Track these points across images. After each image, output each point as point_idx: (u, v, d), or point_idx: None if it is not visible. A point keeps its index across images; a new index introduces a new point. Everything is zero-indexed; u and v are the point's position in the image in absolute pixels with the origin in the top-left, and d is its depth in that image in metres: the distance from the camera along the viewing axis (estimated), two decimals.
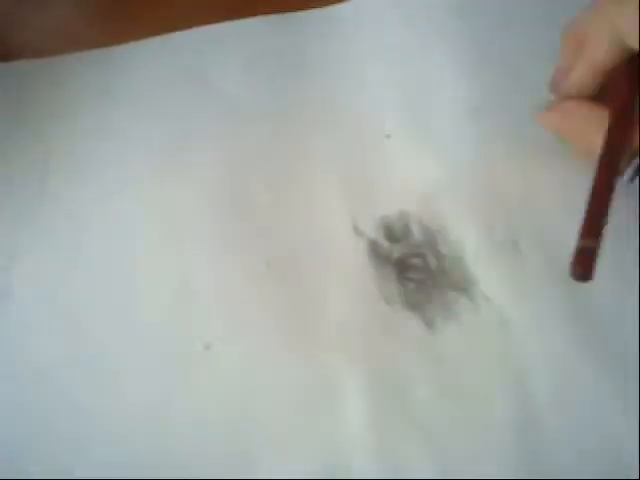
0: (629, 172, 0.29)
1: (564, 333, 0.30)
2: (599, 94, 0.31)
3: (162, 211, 0.35)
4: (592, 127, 0.29)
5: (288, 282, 0.32)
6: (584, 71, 0.30)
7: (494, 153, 0.34)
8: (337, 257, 0.33)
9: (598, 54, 0.29)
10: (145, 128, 0.37)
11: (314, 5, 0.40)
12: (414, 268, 0.32)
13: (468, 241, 0.32)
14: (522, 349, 0.30)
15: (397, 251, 0.32)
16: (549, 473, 0.27)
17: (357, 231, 0.33)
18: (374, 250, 0.32)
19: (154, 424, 0.30)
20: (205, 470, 0.29)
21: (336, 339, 0.31)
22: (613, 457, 0.27)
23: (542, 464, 0.27)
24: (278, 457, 0.29)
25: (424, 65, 0.37)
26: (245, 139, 0.36)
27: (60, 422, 0.30)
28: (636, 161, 0.29)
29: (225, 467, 0.29)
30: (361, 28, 0.39)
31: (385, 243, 0.33)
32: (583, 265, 0.27)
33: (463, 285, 0.31)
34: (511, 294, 0.30)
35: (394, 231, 0.33)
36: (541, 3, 0.38)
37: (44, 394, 0.31)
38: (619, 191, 0.28)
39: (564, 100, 0.31)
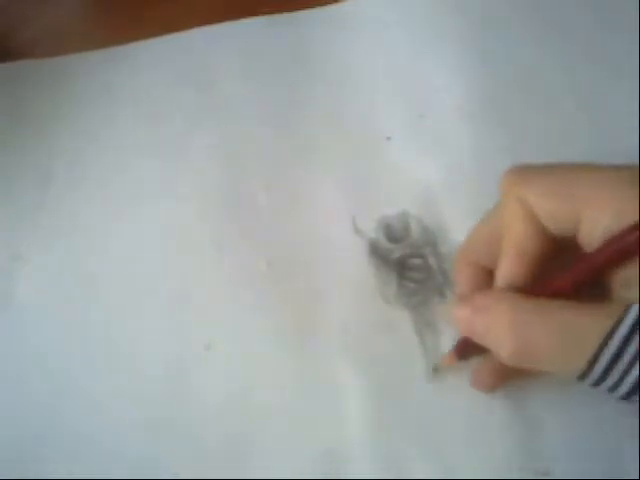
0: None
1: None
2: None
3: (163, 212, 0.35)
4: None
5: (288, 282, 0.32)
6: (512, 257, 0.25)
7: (494, 153, 0.34)
8: (337, 257, 0.33)
9: (520, 237, 0.25)
10: (147, 130, 0.37)
11: (314, 5, 0.40)
12: (414, 268, 0.32)
13: None
14: None
15: (397, 251, 0.32)
16: (549, 473, 0.27)
17: (357, 231, 0.33)
18: (374, 250, 0.32)
19: (155, 423, 0.30)
20: (205, 469, 0.29)
21: (336, 339, 0.31)
22: (613, 457, 0.27)
23: (542, 464, 0.27)
24: (278, 456, 0.29)
25: (424, 65, 0.37)
26: (246, 139, 0.36)
27: (63, 418, 0.30)
28: None
29: (226, 466, 0.29)
30: (361, 28, 0.39)
31: (385, 243, 0.33)
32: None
33: None
34: None
35: (394, 231, 0.33)
36: (541, 3, 0.38)
37: (45, 391, 0.31)
38: None
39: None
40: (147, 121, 0.38)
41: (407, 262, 0.32)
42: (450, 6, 0.38)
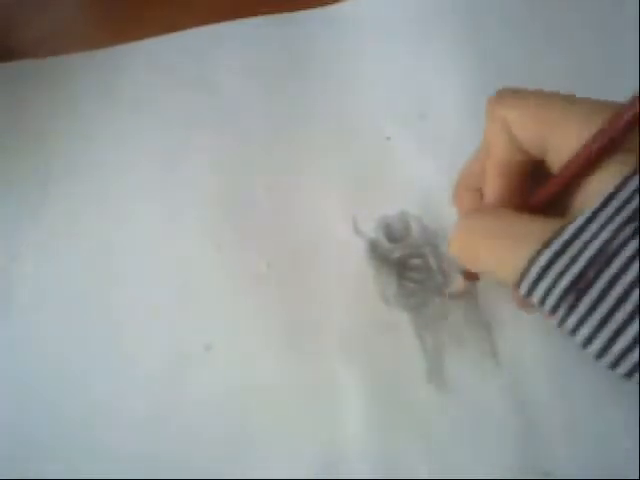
0: None
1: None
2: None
3: (163, 213, 0.35)
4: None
5: (288, 282, 0.32)
6: (494, 175, 0.26)
7: None
8: (337, 257, 0.33)
9: (500, 154, 0.26)
10: (146, 131, 0.37)
11: (314, 5, 0.40)
12: (414, 268, 0.32)
13: None
14: (521, 348, 0.30)
15: (397, 251, 0.32)
16: (549, 473, 0.27)
17: (357, 231, 0.33)
18: (374, 250, 0.32)
19: (155, 423, 0.30)
20: (205, 468, 0.29)
21: (336, 339, 0.31)
22: (613, 457, 0.27)
23: (542, 464, 0.27)
24: (278, 456, 0.29)
25: (424, 65, 0.37)
26: (245, 140, 0.36)
27: (63, 418, 0.31)
28: None
29: (225, 466, 0.29)
30: (361, 28, 0.39)
31: (385, 243, 0.33)
32: None
33: None
34: (510, 294, 0.30)
35: (394, 231, 0.33)
36: (539, 3, 0.38)
37: (45, 391, 0.31)
38: None
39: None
40: (147, 121, 0.38)
41: (407, 262, 0.32)
42: (450, 6, 0.38)
